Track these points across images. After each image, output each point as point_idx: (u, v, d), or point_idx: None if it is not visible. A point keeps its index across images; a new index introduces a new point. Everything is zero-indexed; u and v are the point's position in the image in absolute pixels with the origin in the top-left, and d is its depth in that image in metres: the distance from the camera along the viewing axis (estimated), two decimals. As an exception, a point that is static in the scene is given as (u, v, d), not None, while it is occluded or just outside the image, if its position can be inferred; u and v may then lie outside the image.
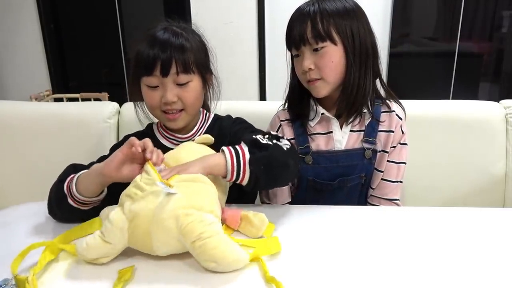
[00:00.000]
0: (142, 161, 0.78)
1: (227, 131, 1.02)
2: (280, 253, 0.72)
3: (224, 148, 0.80)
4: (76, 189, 0.82)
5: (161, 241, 0.68)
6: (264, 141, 0.83)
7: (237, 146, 0.81)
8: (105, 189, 0.85)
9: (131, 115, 1.34)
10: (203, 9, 2.40)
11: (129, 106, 1.40)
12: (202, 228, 0.66)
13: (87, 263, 0.69)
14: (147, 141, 0.77)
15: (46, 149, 1.35)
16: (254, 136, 0.83)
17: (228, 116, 1.09)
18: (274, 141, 0.85)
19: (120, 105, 1.40)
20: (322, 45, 0.96)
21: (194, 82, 0.94)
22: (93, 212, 0.83)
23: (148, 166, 0.74)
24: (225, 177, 0.79)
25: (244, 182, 0.79)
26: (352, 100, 1.00)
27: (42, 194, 0.89)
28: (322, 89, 1.00)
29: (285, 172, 0.83)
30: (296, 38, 0.98)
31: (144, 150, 0.76)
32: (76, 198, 0.82)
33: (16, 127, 1.36)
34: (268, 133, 0.90)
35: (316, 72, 0.98)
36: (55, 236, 0.77)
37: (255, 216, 0.79)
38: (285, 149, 0.84)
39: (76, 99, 2.26)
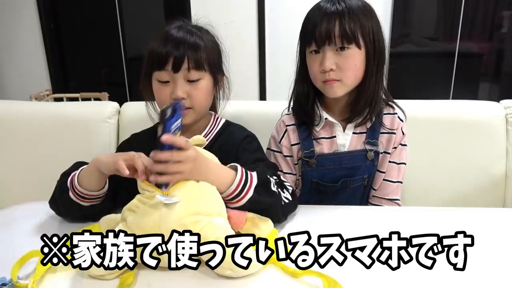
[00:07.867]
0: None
1: (237, 142, 0.99)
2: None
3: (238, 169, 0.79)
4: (78, 182, 0.83)
5: None
6: (274, 188, 0.83)
7: (249, 176, 0.80)
8: (106, 186, 0.85)
9: (131, 114, 1.36)
10: (203, 9, 2.40)
11: (129, 105, 1.39)
12: (214, 235, 0.65)
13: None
14: (136, 160, 0.73)
15: (46, 149, 1.35)
16: (268, 176, 0.83)
17: (241, 127, 1.05)
18: (279, 189, 0.84)
19: (120, 105, 1.40)
20: (348, 46, 0.94)
21: (205, 80, 0.94)
22: (91, 211, 0.84)
23: (143, 184, 0.72)
24: (220, 192, 0.77)
25: (232, 206, 0.78)
26: (367, 105, 1.00)
27: (42, 194, 0.89)
28: (338, 91, 0.98)
29: (272, 219, 0.82)
30: (321, 35, 0.94)
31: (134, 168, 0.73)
32: (77, 191, 0.82)
33: (16, 127, 1.36)
34: (276, 173, 0.90)
35: (337, 73, 0.96)
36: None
37: (261, 219, 0.79)
38: (283, 203, 0.84)
39: (76, 99, 2.25)
